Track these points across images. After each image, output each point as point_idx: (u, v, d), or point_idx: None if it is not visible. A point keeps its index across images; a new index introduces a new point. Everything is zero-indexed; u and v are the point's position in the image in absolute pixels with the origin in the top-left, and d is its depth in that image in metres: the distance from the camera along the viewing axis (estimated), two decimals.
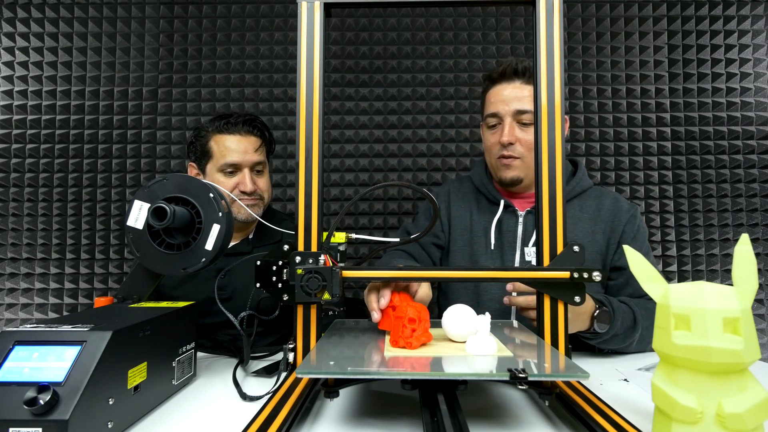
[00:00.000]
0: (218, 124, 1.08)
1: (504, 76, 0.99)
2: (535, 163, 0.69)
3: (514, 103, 0.97)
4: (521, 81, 0.98)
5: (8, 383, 0.47)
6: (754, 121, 1.58)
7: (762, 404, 0.43)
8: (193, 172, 1.13)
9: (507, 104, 0.97)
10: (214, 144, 1.07)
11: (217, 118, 1.10)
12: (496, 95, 1.00)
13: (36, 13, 1.62)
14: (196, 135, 1.11)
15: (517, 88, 0.98)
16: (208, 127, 1.09)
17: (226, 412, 0.59)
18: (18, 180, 1.60)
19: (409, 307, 0.61)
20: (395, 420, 0.56)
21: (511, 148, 0.98)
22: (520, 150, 0.98)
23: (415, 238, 0.76)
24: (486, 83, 1.05)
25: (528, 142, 0.98)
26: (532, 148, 0.98)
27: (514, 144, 0.98)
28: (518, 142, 0.98)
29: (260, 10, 1.65)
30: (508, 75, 0.99)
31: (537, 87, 0.69)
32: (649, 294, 0.49)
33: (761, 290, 1.57)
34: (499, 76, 1.00)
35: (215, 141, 1.07)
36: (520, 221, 1.04)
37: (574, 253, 0.66)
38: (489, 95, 1.02)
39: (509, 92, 0.98)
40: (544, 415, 0.58)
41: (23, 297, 1.59)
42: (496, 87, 1.01)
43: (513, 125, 0.98)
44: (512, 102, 0.97)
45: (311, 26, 0.69)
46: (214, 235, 0.70)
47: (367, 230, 1.63)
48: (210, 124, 1.09)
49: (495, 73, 1.01)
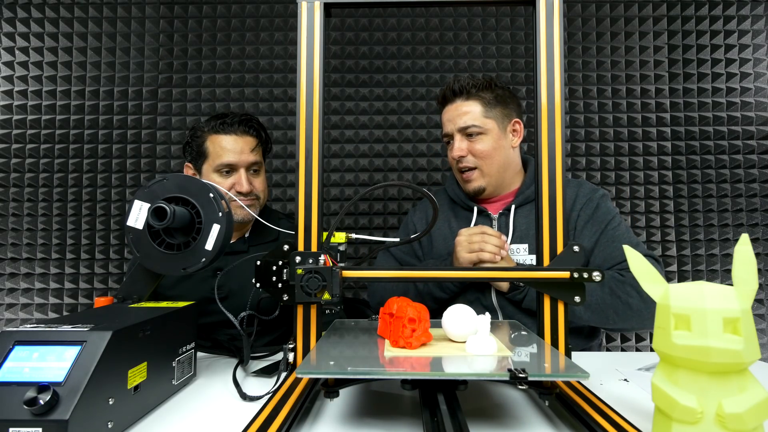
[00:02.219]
0: (214, 124, 1.07)
1: (445, 99, 1.08)
2: (536, 163, 0.69)
3: (456, 120, 1.05)
4: (460, 99, 1.06)
5: (8, 383, 0.47)
6: (754, 121, 1.58)
7: (762, 404, 0.43)
8: (190, 172, 1.12)
9: (452, 122, 1.06)
10: (210, 144, 1.06)
11: (213, 118, 1.09)
12: (444, 116, 1.09)
13: (36, 13, 1.62)
14: (192, 135, 1.10)
15: (459, 107, 1.05)
16: (204, 127, 1.08)
17: (226, 412, 0.59)
18: (18, 180, 1.60)
19: (409, 307, 0.61)
20: (395, 420, 0.56)
21: (464, 160, 1.06)
22: (473, 160, 1.05)
23: (416, 237, 0.76)
24: (439, 107, 1.13)
25: (479, 151, 1.04)
26: (485, 156, 1.05)
27: (465, 156, 1.05)
28: (469, 154, 1.05)
29: (260, 10, 1.65)
30: (449, 97, 1.07)
31: (537, 87, 0.69)
32: (649, 294, 0.49)
33: (761, 290, 1.57)
34: (442, 99, 1.09)
35: (211, 141, 1.06)
36: (494, 224, 1.08)
37: (574, 253, 0.66)
38: (442, 116, 1.11)
39: (451, 113, 1.07)
40: (544, 415, 0.58)
41: (23, 297, 1.59)
42: (444, 109, 1.09)
43: (461, 139, 1.05)
44: (456, 120, 1.05)
45: (311, 26, 0.69)
46: (214, 235, 0.70)
47: (367, 230, 1.63)
48: (206, 124, 1.08)
49: (438, 97, 1.11)
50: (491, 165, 1.05)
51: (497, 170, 1.06)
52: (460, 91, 1.05)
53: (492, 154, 1.04)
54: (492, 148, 1.04)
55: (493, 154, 1.05)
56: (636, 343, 1.60)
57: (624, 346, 1.60)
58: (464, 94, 1.05)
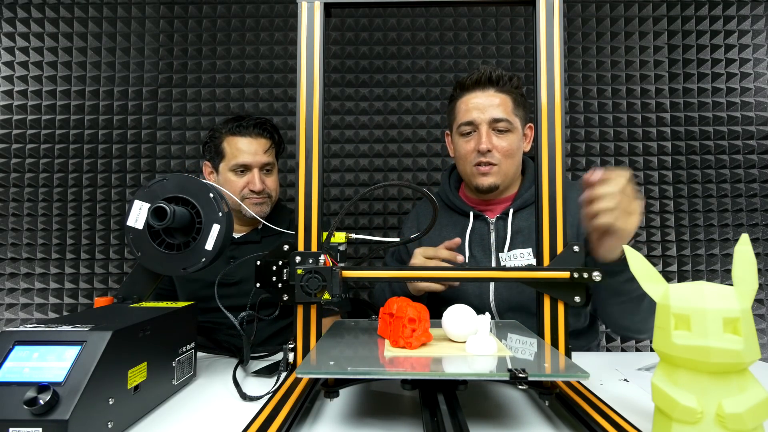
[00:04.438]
0: (231, 126, 1.14)
1: (479, 83, 0.99)
2: (536, 163, 0.69)
3: (489, 111, 0.97)
4: (494, 89, 0.98)
5: (8, 383, 0.47)
6: (754, 121, 1.58)
7: (762, 404, 0.43)
8: (207, 170, 1.20)
9: (483, 112, 0.97)
10: (227, 145, 1.14)
11: (230, 120, 1.16)
12: (469, 103, 0.99)
13: (36, 13, 1.62)
14: (211, 136, 1.17)
15: (491, 96, 0.98)
16: (222, 129, 1.16)
17: (226, 412, 0.59)
18: (18, 180, 1.60)
19: (409, 307, 0.61)
20: (395, 420, 0.56)
21: (489, 155, 0.97)
22: (498, 157, 0.98)
23: (416, 237, 0.76)
24: (456, 91, 1.03)
25: (504, 149, 0.98)
26: (507, 155, 0.98)
27: (491, 151, 0.97)
28: (495, 150, 0.98)
29: (260, 10, 1.65)
30: (483, 83, 0.98)
31: (537, 87, 0.69)
32: (649, 294, 0.49)
33: (761, 290, 1.57)
34: (473, 83, 0.99)
35: (228, 142, 1.14)
36: (492, 228, 1.04)
37: (574, 253, 0.66)
38: (460, 103, 1.01)
39: (483, 100, 0.98)
40: (544, 415, 0.58)
41: (23, 297, 1.59)
42: (469, 95, 1.00)
43: (490, 133, 0.97)
44: (487, 110, 0.97)
45: (311, 26, 0.69)
46: (214, 235, 0.70)
47: (367, 230, 1.63)
48: (224, 125, 1.16)
49: (468, 81, 1.00)
50: (510, 165, 1.00)
51: (513, 171, 1.02)
52: (497, 80, 0.97)
53: (514, 153, 0.99)
54: (516, 147, 0.99)
55: (515, 154, 1.00)
56: (636, 343, 1.60)
57: (624, 346, 1.60)
58: (499, 84, 0.98)
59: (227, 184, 1.13)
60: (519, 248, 1.00)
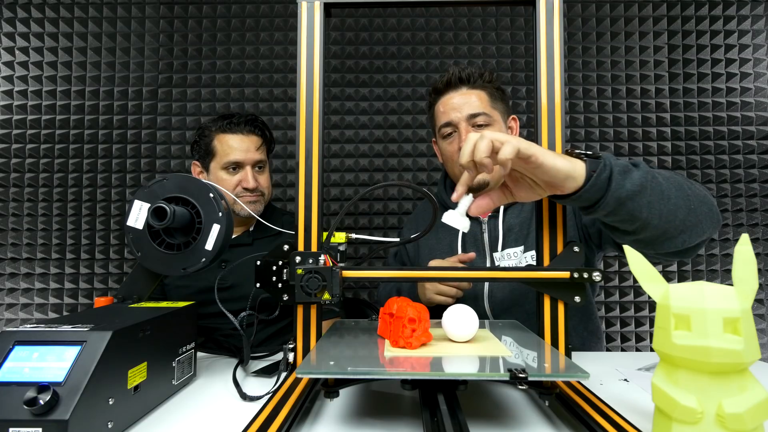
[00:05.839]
0: (221, 123, 1.12)
1: (450, 84, 1.00)
2: None
3: (465, 108, 0.98)
4: (467, 87, 0.99)
5: (8, 383, 0.47)
6: (754, 121, 1.58)
7: (762, 404, 0.43)
8: (197, 170, 1.17)
9: (459, 111, 0.98)
10: (218, 143, 1.11)
11: (220, 118, 1.14)
12: (446, 104, 1.00)
13: (36, 13, 1.62)
14: (200, 134, 1.15)
15: (465, 95, 0.99)
16: (211, 127, 1.13)
17: (226, 412, 0.59)
18: (18, 180, 1.60)
19: (409, 307, 0.61)
20: (395, 420, 0.56)
21: None
22: None
23: (416, 237, 0.76)
24: (432, 96, 1.05)
25: None
26: None
27: None
28: None
29: (260, 10, 1.65)
30: (454, 83, 1.00)
31: (537, 87, 0.69)
32: (649, 294, 0.49)
33: (761, 290, 1.57)
34: (444, 85, 1.01)
35: (219, 140, 1.12)
36: (485, 228, 1.03)
37: (574, 253, 0.66)
38: (438, 107, 1.03)
39: (458, 99, 0.99)
40: (544, 415, 0.58)
41: (23, 297, 1.59)
42: (444, 97, 1.01)
43: (469, 129, 0.97)
44: (463, 107, 0.98)
45: (311, 26, 0.69)
46: (214, 235, 0.69)
47: (367, 230, 1.63)
48: (213, 123, 1.13)
49: (440, 84, 1.02)
50: None
51: None
52: (467, 78, 0.99)
53: None
54: None
55: None
56: (636, 343, 1.60)
57: (624, 346, 1.60)
58: (471, 82, 0.99)
59: (219, 183, 1.10)
60: (512, 246, 1.00)
